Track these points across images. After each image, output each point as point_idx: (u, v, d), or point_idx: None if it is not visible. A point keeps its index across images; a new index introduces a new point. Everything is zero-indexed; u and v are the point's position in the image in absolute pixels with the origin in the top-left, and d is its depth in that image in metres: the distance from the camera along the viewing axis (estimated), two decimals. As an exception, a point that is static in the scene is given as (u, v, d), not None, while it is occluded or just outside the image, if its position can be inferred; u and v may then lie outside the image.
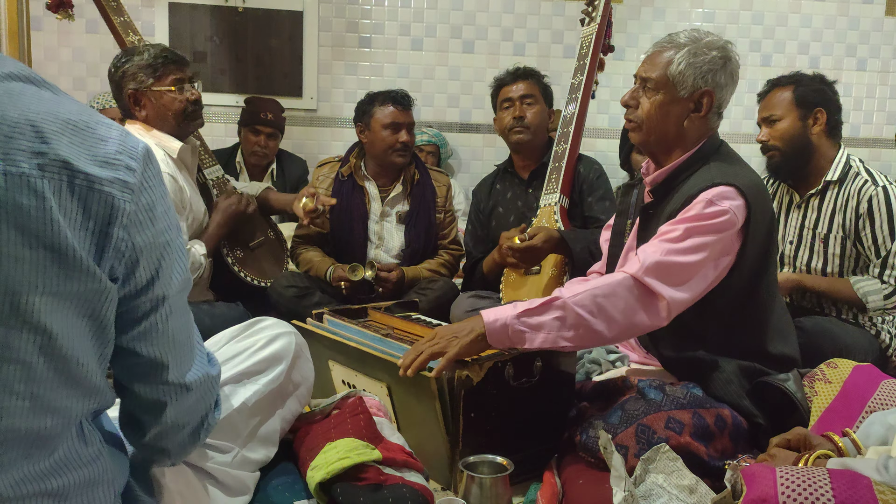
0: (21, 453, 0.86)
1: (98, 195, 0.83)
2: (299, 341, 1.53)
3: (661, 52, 1.72)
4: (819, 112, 2.27)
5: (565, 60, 4.22)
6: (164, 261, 0.92)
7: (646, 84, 1.73)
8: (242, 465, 1.36)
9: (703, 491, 1.36)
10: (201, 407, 1.09)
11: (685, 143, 1.74)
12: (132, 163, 0.86)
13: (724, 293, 1.66)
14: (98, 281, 0.84)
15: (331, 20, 4.28)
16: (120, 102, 2.36)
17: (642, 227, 1.82)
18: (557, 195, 2.57)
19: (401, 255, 2.80)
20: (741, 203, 1.62)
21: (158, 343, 0.96)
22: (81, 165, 0.82)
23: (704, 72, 1.68)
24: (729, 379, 1.65)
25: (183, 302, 1.01)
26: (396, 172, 2.81)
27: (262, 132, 3.65)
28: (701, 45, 1.69)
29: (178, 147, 2.34)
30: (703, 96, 1.70)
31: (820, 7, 4.51)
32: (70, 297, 0.83)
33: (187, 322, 1.02)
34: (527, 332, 1.54)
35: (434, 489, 1.51)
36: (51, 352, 0.83)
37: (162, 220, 0.91)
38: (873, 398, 1.61)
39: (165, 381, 0.99)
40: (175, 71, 2.33)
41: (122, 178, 0.85)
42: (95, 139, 0.85)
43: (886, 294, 2.17)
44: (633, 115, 1.76)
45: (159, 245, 0.91)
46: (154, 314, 0.94)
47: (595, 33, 2.71)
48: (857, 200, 2.21)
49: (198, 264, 2.37)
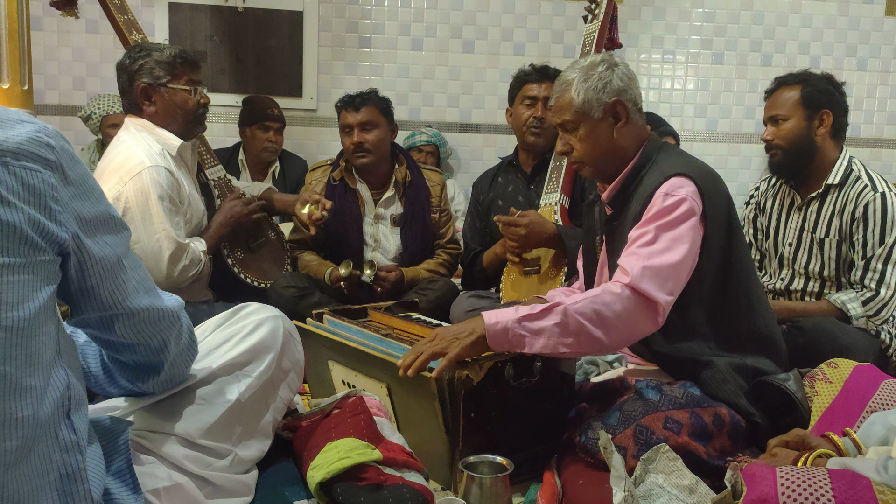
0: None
1: (27, 172, 0.90)
2: (287, 325, 1.52)
3: (561, 96, 1.82)
4: (825, 114, 2.25)
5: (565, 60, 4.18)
6: (96, 224, 1.01)
7: (566, 128, 1.82)
8: (240, 465, 1.36)
9: (703, 491, 1.36)
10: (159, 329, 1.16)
11: (625, 152, 1.81)
12: (50, 140, 0.94)
13: (701, 281, 1.69)
14: (44, 254, 0.92)
15: (331, 20, 4.28)
16: (128, 95, 2.36)
17: (609, 241, 1.87)
18: (558, 194, 2.57)
19: (398, 258, 2.79)
20: (694, 189, 1.67)
21: (92, 275, 1.02)
22: (7, 146, 0.89)
23: (601, 87, 1.76)
24: (724, 378, 1.66)
25: (110, 241, 1.06)
26: (384, 173, 2.78)
27: (272, 127, 3.67)
28: (585, 69, 1.79)
29: (178, 144, 2.34)
30: (615, 106, 1.77)
31: (820, 7, 4.51)
32: (19, 268, 0.89)
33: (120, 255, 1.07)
34: (527, 336, 1.55)
35: (434, 489, 1.51)
36: (7, 325, 0.87)
37: (94, 190, 1.00)
38: (874, 398, 1.61)
39: (103, 304, 1.05)
40: (190, 73, 2.36)
41: (43, 156, 0.93)
42: (9, 124, 0.92)
43: (864, 300, 2.16)
44: (573, 157, 1.84)
45: (99, 213, 1.01)
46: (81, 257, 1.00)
47: (597, 31, 2.71)
48: (854, 204, 2.21)
49: (197, 260, 2.36)
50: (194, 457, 1.25)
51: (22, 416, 0.88)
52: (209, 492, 1.26)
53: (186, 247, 2.32)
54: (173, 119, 2.35)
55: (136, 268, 1.11)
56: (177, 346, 1.21)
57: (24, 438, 0.88)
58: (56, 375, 0.94)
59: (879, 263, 2.16)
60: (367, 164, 2.69)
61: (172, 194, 2.28)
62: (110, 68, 4.13)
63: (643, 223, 1.67)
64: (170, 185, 2.27)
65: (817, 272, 2.30)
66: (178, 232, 2.29)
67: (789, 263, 2.38)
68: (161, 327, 1.15)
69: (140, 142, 2.29)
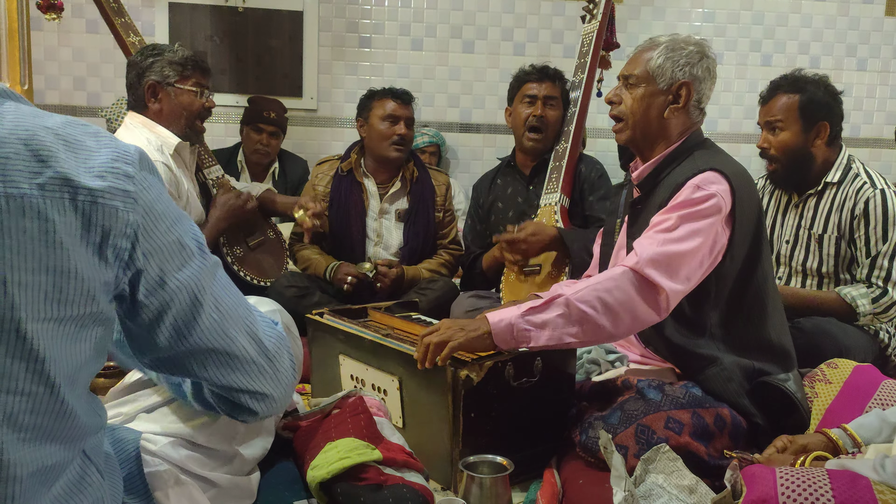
0: (30, 485, 0.82)
1: (101, 209, 0.80)
2: (285, 319, 1.51)
3: (643, 51, 1.80)
4: (822, 126, 2.24)
5: (565, 60, 4.21)
6: (174, 256, 0.90)
7: (628, 80, 1.81)
8: (244, 465, 1.36)
9: (703, 491, 1.36)
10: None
11: (668, 136, 1.78)
12: (129, 168, 0.84)
13: (720, 281, 1.68)
14: (98, 303, 0.82)
15: (331, 20, 4.28)
16: (134, 91, 2.39)
17: (631, 224, 1.84)
18: (558, 195, 2.57)
19: (399, 252, 2.80)
20: (726, 187, 1.65)
21: (207, 337, 0.94)
22: (82, 180, 0.79)
23: (682, 64, 1.74)
24: (729, 377, 1.65)
25: (222, 283, 0.98)
26: (395, 169, 2.81)
27: (265, 130, 3.67)
28: (678, 42, 1.77)
29: (176, 143, 2.36)
30: (682, 87, 1.75)
31: (820, 7, 4.51)
32: (69, 321, 0.80)
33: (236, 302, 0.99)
34: (532, 330, 1.54)
35: (434, 489, 1.51)
36: (47, 380, 0.80)
37: (164, 218, 0.89)
38: (874, 398, 1.61)
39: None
40: (200, 77, 2.41)
41: (121, 188, 0.83)
42: (88, 151, 0.82)
43: (874, 297, 2.16)
44: (617, 110, 1.82)
45: (169, 244, 0.90)
46: (187, 309, 0.92)
47: (596, 31, 2.71)
48: (854, 201, 2.20)
49: None
50: (198, 458, 1.25)
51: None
52: (214, 494, 1.25)
53: None
54: (176, 119, 2.38)
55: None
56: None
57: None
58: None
59: (885, 261, 2.16)
60: (401, 158, 2.78)
61: (171, 189, 2.29)
62: (110, 68, 4.16)
63: (667, 210, 1.65)
64: (168, 179, 2.29)
65: (815, 269, 2.30)
66: None
67: (786, 261, 2.38)
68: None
69: (138, 137, 2.30)
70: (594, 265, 2.06)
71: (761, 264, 1.72)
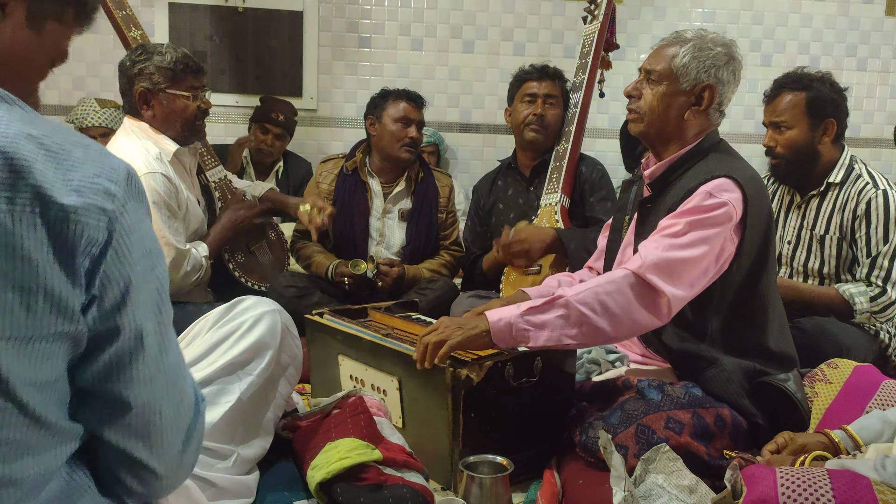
0: (8, 500, 0.77)
1: (73, 226, 0.75)
2: (284, 318, 1.51)
3: (667, 46, 1.75)
4: (829, 123, 2.23)
5: (565, 60, 4.21)
6: (136, 290, 0.82)
7: (650, 76, 1.76)
8: (242, 465, 1.36)
9: (703, 491, 1.36)
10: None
11: (684, 136, 1.76)
12: (111, 186, 0.78)
13: (724, 288, 1.67)
14: (69, 321, 0.77)
15: (331, 20, 4.28)
16: (127, 98, 2.34)
17: (640, 222, 1.82)
18: (558, 195, 2.57)
19: (401, 252, 2.80)
20: (739, 196, 1.63)
21: (133, 385, 0.84)
22: (55, 195, 0.74)
23: (707, 66, 1.70)
24: (729, 378, 1.65)
25: (168, 339, 0.89)
26: (401, 169, 2.82)
27: (271, 131, 3.70)
28: (706, 41, 1.72)
29: (174, 150, 2.31)
30: (705, 90, 1.72)
31: (820, 7, 4.51)
32: (38, 339, 0.75)
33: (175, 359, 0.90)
34: (531, 330, 1.54)
35: (434, 489, 1.51)
36: (13, 397, 0.75)
37: (138, 246, 0.82)
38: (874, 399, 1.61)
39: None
40: (192, 79, 2.32)
41: (98, 205, 0.77)
42: (72, 161, 0.77)
43: (872, 296, 2.16)
44: (636, 104, 1.78)
45: (134, 277, 0.81)
46: (127, 349, 0.83)
47: (597, 31, 2.71)
48: (856, 202, 2.20)
49: (199, 265, 2.36)
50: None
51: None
52: (212, 493, 1.25)
53: (187, 252, 2.31)
54: (171, 125, 2.32)
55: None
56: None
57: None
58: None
59: (885, 261, 2.16)
60: (412, 160, 2.79)
61: (170, 200, 2.27)
62: (110, 68, 4.16)
63: (677, 214, 1.63)
64: (167, 191, 2.25)
65: (816, 270, 2.30)
66: (177, 238, 2.28)
67: (788, 261, 2.38)
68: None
69: (137, 146, 2.25)
70: (597, 257, 2.05)
71: (767, 272, 1.71)
